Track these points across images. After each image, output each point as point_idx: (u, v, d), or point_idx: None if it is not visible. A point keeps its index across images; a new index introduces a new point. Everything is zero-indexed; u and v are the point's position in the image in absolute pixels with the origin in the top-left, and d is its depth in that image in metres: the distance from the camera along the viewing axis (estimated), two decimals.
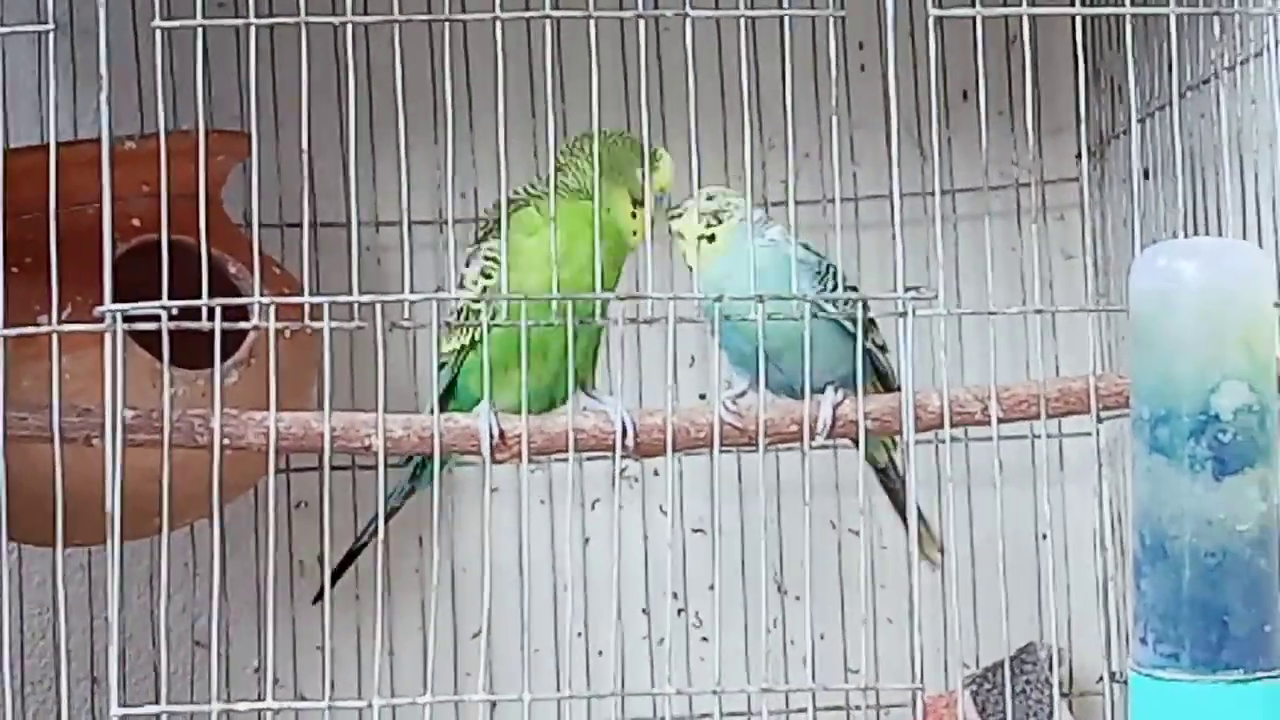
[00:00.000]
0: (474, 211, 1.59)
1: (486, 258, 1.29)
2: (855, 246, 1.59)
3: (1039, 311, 1.21)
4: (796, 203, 1.35)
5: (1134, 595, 0.96)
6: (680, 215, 1.31)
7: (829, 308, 1.23)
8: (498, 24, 1.13)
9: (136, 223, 1.34)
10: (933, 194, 1.31)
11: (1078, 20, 1.22)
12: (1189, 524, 0.94)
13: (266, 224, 1.47)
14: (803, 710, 1.29)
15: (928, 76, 1.26)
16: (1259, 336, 0.95)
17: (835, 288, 1.28)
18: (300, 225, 1.30)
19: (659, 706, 1.21)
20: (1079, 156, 1.63)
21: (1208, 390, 0.94)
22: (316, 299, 1.14)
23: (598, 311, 1.21)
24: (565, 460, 1.23)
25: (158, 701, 1.53)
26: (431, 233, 1.59)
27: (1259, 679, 0.93)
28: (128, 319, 1.14)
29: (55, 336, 1.14)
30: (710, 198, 1.31)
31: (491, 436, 1.22)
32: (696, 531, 1.62)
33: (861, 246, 1.60)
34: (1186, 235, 1.31)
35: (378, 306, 1.13)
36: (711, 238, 1.30)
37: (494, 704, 1.17)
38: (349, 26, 1.13)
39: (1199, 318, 0.95)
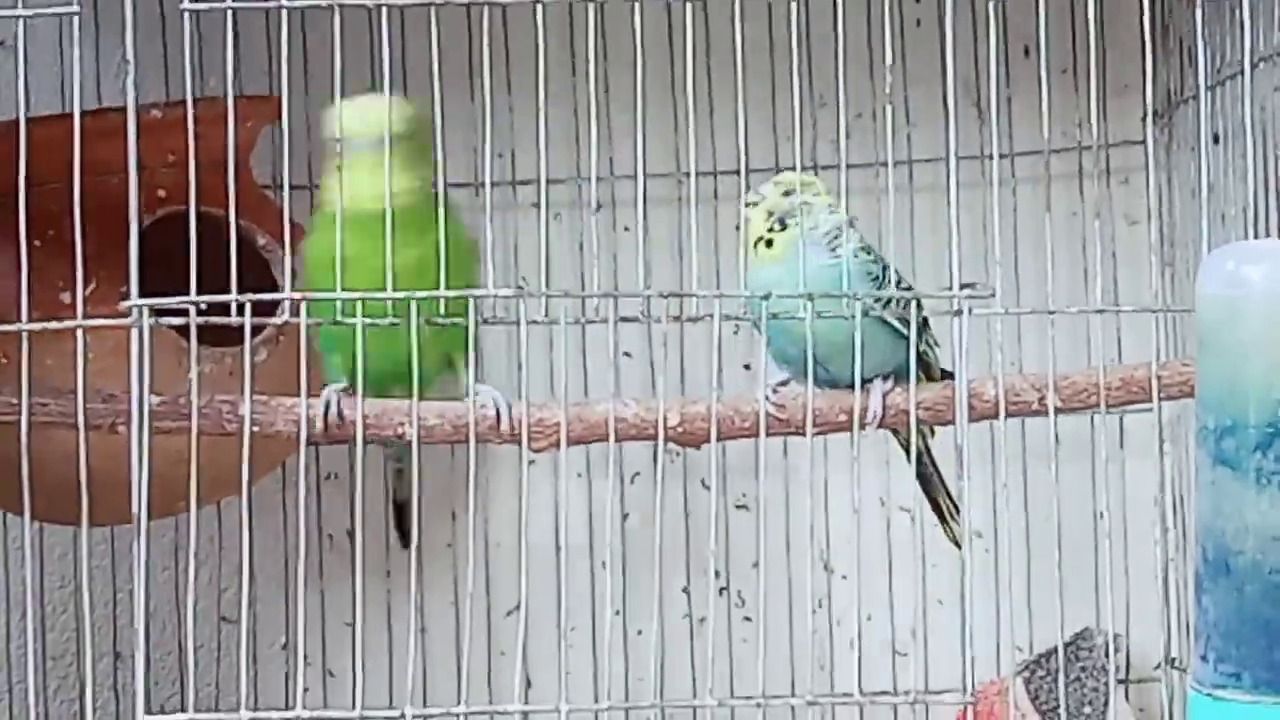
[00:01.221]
0: (510, 174, 1.60)
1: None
2: (908, 210, 1.60)
3: (1100, 311, 1.22)
4: (848, 166, 1.35)
5: (1196, 611, 0.97)
6: (756, 204, 1.29)
7: (880, 310, 1.23)
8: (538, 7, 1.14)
9: (162, 194, 1.34)
10: (991, 157, 1.31)
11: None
12: (1254, 540, 0.94)
13: (296, 185, 1.49)
14: (848, 695, 1.32)
15: (987, 32, 1.26)
16: None
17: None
18: None
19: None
20: (1145, 119, 1.63)
21: (1276, 400, 0.94)
22: (349, 295, 1.15)
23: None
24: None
25: (182, 678, 1.58)
26: (467, 195, 1.59)
27: None
28: (155, 312, 1.15)
29: (81, 331, 1.15)
30: (788, 192, 1.29)
31: (327, 419, 1.22)
32: (740, 508, 1.63)
33: (915, 210, 1.61)
34: (1256, 209, 1.31)
35: (413, 303, 1.14)
36: (770, 243, 1.28)
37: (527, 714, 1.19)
38: (384, 9, 1.13)
39: (1268, 324, 0.94)
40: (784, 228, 1.28)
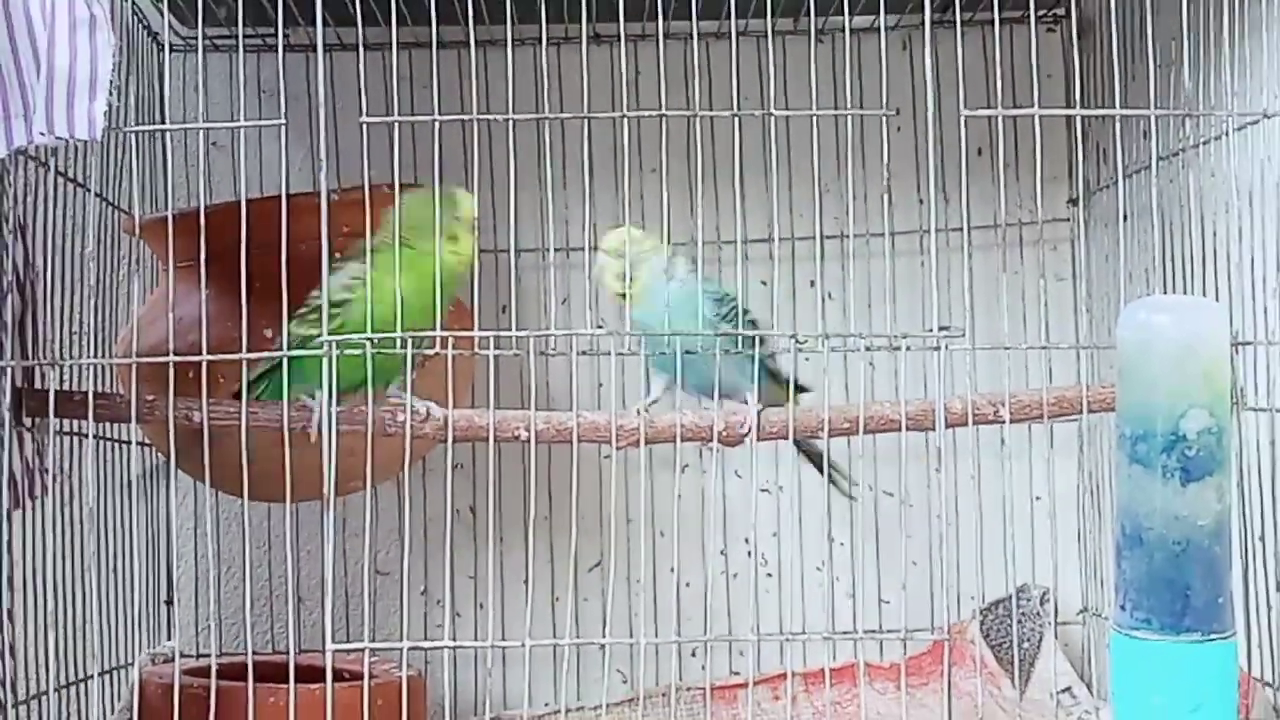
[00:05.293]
0: (584, 242, 1.62)
1: (354, 276, 1.25)
2: (891, 270, 1.61)
3: (1045, 347, 1.24)
4: (844, 236, 1.37)
5: (1116, 571, 0.99)
6: (603, 271, 1.26)
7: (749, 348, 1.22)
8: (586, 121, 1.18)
9: (338, 256, 1.38)
10: (958, 229, 1.33)
11: (1077, 120, 1.24)
12: (1160, 519, 0.97)
13: None
14: (848, 632, 1.33)
15: (952, 137, 1.28)
16: (1217, 374, 0.98)
17: (732, 312, 1.25)
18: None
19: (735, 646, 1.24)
20: (1070, 202, 1.65)
21: (1177, 416, 0.97)
22: (483, 333, 1.18)
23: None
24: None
25: (347, 620, 1.60)
26: (559, 256, 1.62)
27: (1214, 640, 0.97)
28: (339, 346, 1.18)
29: (285, 360, 1.19)
30: (619, 254, 1.25)
31: (417, 415, 1.23)
32: (764, 491, 1.65)
33: (897, 270, 1.62)
34: (1156, 271, 1.33)
35: (531, 340, 1.17)
36: (626, 295, 1.25)
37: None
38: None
39: (1171, 360, 0.97)
40: (634, 281, 1.25)
